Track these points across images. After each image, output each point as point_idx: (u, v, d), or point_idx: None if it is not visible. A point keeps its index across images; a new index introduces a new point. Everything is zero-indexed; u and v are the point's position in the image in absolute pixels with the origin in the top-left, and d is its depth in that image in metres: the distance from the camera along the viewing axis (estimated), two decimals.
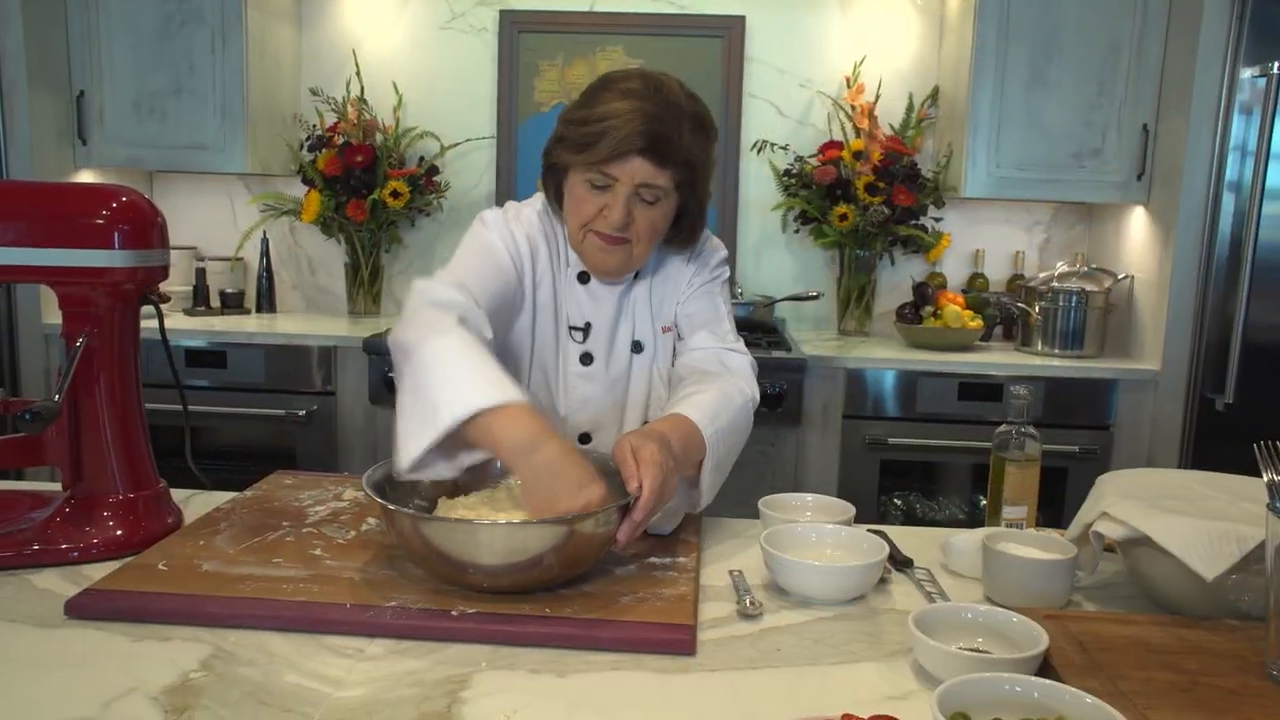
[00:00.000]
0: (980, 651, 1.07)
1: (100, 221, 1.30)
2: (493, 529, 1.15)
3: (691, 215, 1.56)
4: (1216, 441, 3.00)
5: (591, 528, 1.17)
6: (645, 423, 1.62)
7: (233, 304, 3.55)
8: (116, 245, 1.30)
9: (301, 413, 3.13)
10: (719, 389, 1.47)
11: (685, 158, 1.45)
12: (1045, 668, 1.01)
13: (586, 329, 1.60)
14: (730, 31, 3.52)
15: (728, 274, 1.69)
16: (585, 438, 1.63)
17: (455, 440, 1.24)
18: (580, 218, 1.50)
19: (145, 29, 3.24)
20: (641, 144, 1.41)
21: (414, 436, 1.23)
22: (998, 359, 3.17)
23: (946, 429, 3.11)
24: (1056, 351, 3.25)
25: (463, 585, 1.18)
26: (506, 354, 1.56)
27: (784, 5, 3.56)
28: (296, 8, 3.60)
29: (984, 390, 3.09)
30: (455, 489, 1.36)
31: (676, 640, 1.09)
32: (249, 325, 3.30)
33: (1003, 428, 1.46)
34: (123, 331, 1.35)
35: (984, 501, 3.19)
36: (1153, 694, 0.95)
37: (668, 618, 1.13)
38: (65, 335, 1.32)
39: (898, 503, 3.22)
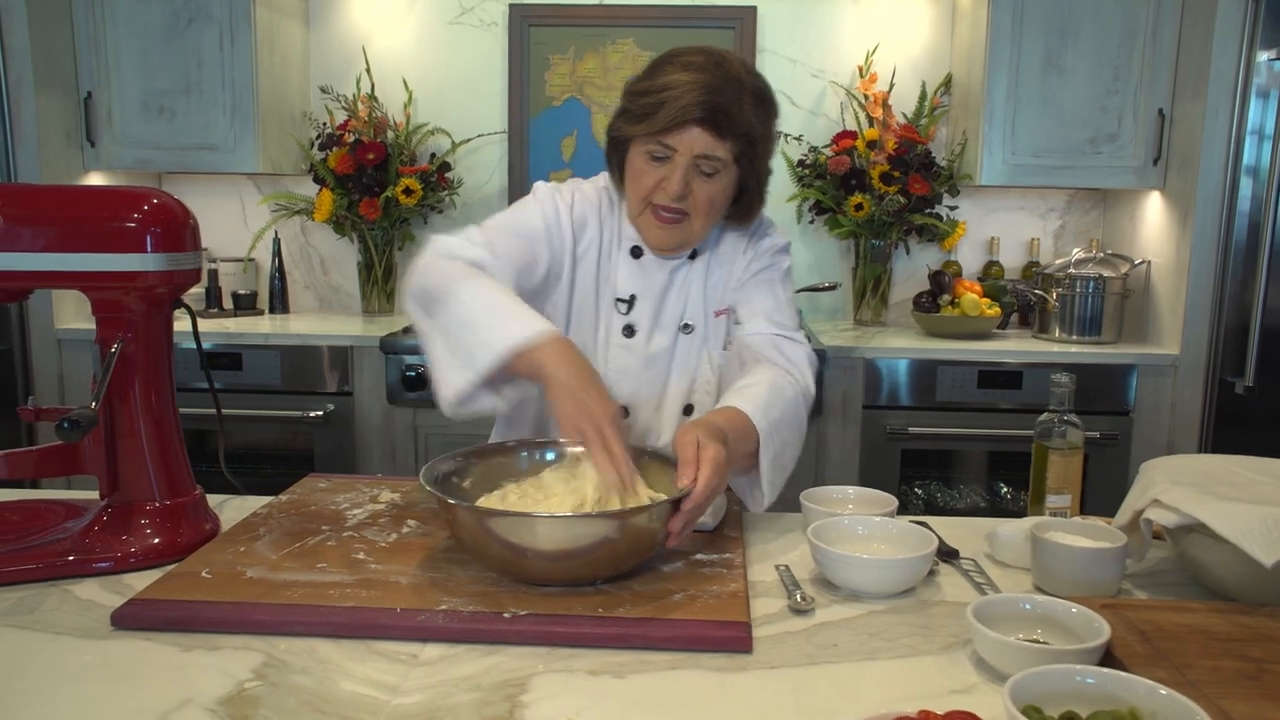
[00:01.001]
0: (1040, 643, 1.05)
1: (132, 225, 1.28)
2: (552, 521, 1.16)
3: (751, 191, 1.56)
4: (1237, 425, 2.99)
5: (645, 521, 1.17)
6: (689, 407, 1.63)
7: (245, 305, 3.53)
8: (149, 248, 1.28)
9: (319, 413, 3.11)
10: (770, 381, 1.47)
11: (745, 130, 1.46)
12: (1108, 658, 1.00)
13: (631, 301, 1.60)
14: (742, 22, 3.50)
15: (789, 263, 1.68)
16: (623, 411, 1.62)
17: (496, 376, 1.35)
18: (640, 191, 1.51)
19: (152, 28, 3.22)
20: (700, 114, 1.42)
21: (458, 372, 1.35)
22: (1016, 346, 3.16)
23: (967, 417, 3.10)
24: (1074, 338, 3.24)
25: (519, 576, 1.19)
26: None
27: None
28: (304, 5, 3.58)
29: (1004, 378, 3.07)
30: (490, 484, 1.37)
31: (733, 638, 1.08)
32: (263, 326, 3.29)
33: (1044, 416, 1.45)
34: (157, 336, 1.33)
35: (1005, 489, 3.20)
36: (1222, 683, 0.94)
37: (722, 615, 1.12)
38: (100, 341, 1.30)
39: (918, 492, 3.20)
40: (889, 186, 3.33)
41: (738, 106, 1.45)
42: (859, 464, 3.11)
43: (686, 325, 1.62)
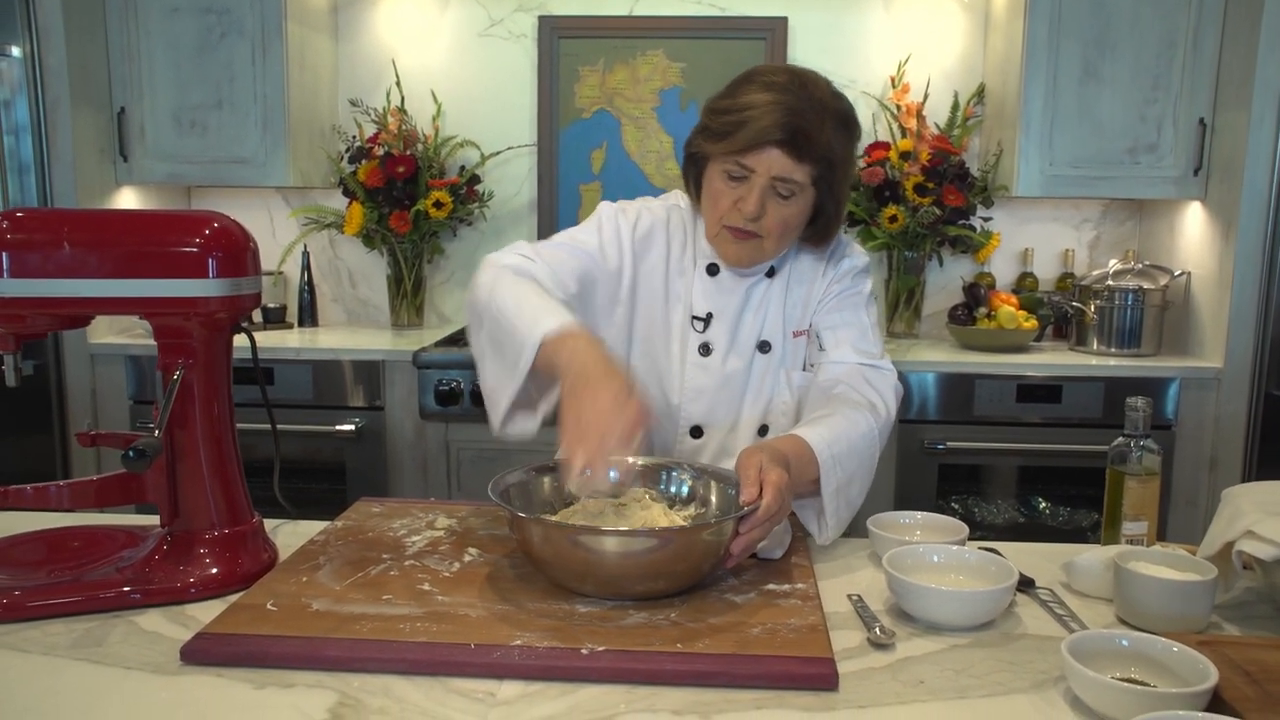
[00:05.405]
0: (1139, 682, 1.02)
1: (194, 250, 1.26)
2: (618, 537, 1.19)
3: (828, 214, 1.53)
4: None
5: (705, 537, 1.20)
6: (764, 427, 1.61)
7: (275, 319, 3.51)
8: (212, 274, 1.26)
9: (350, 428, 3.09)
10: (844, 414, 1.43)
11: (824, 153, 1.43)
12: (1215, 702, 0.97)
13: (708, 319, 1.58)
14: (773, 33, 3.48)
15: (870, 285, 1.65)
16: (697, 431, 1.61)
17: (533, 390, 1.36)
18: (716, 211, 1.50)
19: (185, 43, 3.20)
20: (780, 135, 1.40)
21: (503, 381, 1.36)
22: (1053, 359, 3.12)
23: (1005, 431, 3.06)
24: (1113, 350, 3.20)
25: (586, 590, 1.21)
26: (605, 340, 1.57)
27: (826, 6, 3.52)
28: (333, 19, 3.57)
29: (1043, 392, 3.04)
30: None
31: (819, 675, 1.04)
32: (293, 340, 3.27)
33: (1119, 441, 1.41)
34: (217, 361, 1.32)
35: (1044, 504, 3.16)
36: None
37: (804, 650, 1.09)
38: (161, 367, 1.28)
39: (955, 507, 3.16)
40: (923, 198, 3.30)
41: (819, 129, 1.41)
42: (894, 479, 3.08)
43: (764, 344, 1.60)
